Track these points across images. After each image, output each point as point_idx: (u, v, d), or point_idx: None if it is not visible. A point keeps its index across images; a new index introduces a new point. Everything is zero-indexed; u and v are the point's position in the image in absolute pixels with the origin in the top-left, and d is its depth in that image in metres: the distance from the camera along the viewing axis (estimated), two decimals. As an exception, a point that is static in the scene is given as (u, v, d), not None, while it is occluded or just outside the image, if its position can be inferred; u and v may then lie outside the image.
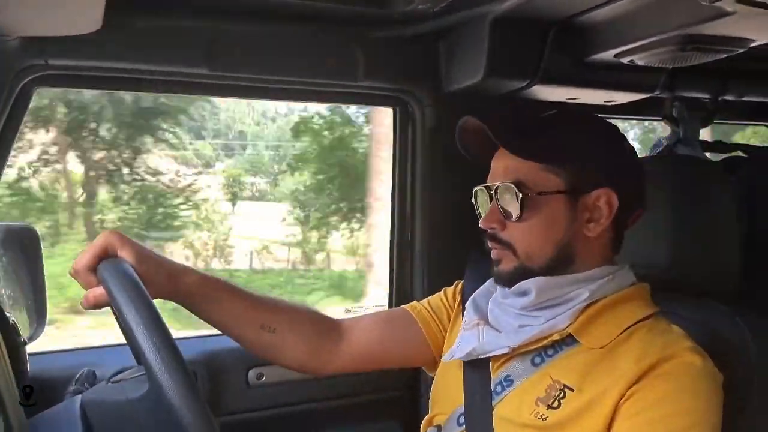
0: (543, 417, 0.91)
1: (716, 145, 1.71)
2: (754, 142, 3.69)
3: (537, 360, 0.96)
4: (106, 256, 0.92)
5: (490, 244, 1.02)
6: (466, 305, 1.10)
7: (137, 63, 1.28)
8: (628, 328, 0.94)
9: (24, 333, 1.14)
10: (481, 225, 1.01)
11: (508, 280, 1.01)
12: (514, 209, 0.97)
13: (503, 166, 1.00)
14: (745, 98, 1.85)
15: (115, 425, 0.86)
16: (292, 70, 1.39)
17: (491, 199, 1.00)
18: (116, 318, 0.91)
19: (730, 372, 0.92)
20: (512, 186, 0.96)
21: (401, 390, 1.59)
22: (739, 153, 1.67)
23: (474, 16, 1.34)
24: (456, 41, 1.44)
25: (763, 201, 1.45)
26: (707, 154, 1.69)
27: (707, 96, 1.79)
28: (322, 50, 1.39)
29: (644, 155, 1.49)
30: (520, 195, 0.95)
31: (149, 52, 1.27)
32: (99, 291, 0.90)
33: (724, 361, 0.93)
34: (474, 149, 1.05)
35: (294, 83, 1.43)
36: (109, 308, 0.93)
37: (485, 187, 1.02)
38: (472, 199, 1.06)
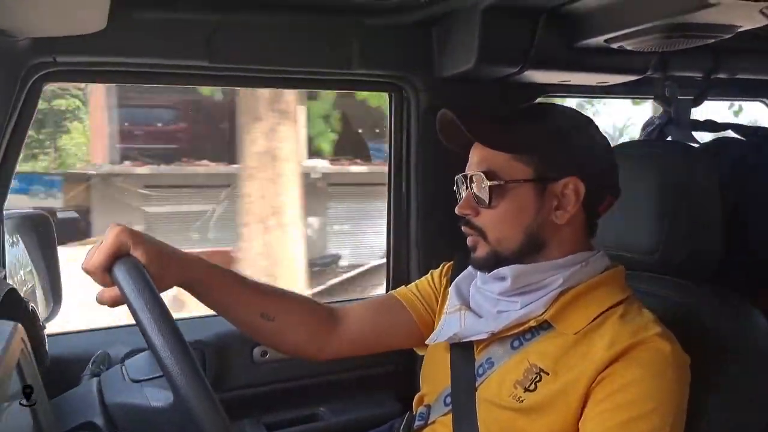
0: (520, 399, 0.96)
1: (707, 124, 1.73)
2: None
3: (516, 344, 1.02)
4: (119, 254, 0.93)
5: (464, 229, 1.08)
6: (450, 290, 1.15)
7: (140, 56, 1.33)
8: (602, 313, 0.99)
9: (41, 315, 1.21)
10: (456, 211, 1.08)
11: (482, 266, 1.07)
12: (485, 196, 1.03)
13: (477, 156, 1.06)
14: (738, 76, 1.87)
15: (141, 429, 0.93)
16: (290, 60, 1.42)
17: (467, 187, 1.07)
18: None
19: (703, 349, 0.97)
20: (483, 175, 1.03)
21: (397, 364, 1.66)
22: (730, 132, 1.70)
23: (466, 4, 1.37)
24: (449, 29, 1.47)
25: (749, 182, 1.48)
26: (699, 134, 1.72)
27: (700, 75, 1.81)
28: (319, 39, 1.43)
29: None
30: (490, 183, 1.02)
31: (152, 46, 1.32)
32: (114, 291, 0.92)
33: (697, 339, 0.98)
34: (454, 140, 1.11)
35: (291, 72, 1.47)
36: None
37: (462, 175, 1.09)
38: (455, 188, 1.12)
